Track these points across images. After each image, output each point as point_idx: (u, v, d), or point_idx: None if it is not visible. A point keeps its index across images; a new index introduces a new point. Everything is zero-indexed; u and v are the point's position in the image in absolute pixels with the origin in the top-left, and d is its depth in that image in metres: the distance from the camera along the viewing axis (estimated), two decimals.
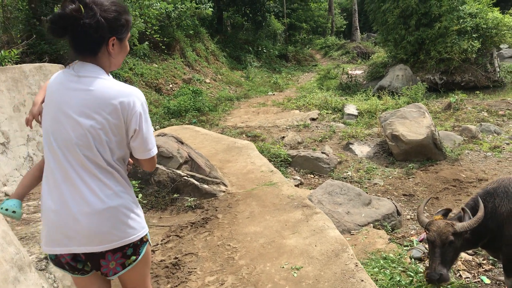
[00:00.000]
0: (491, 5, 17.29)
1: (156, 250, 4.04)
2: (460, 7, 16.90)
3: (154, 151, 2.16)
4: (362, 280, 3.21)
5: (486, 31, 16.48)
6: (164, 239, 4.25)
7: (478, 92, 14.77)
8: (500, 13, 17.05)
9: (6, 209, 2.30)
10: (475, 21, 16.49)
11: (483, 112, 12.01)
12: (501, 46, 19.08)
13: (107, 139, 2.02)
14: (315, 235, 3.92)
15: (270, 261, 3.59)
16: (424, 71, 17.10)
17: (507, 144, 9.09)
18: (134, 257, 2.13)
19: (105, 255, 2.07)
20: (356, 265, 3.34)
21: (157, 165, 5.22)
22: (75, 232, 1.99)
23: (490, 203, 3.57)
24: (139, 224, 2.14)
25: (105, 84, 2.03)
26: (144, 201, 5.01)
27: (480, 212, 3.38)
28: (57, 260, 2.13)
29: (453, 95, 13.11)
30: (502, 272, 4.14)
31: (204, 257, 3.80)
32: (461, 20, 16.59)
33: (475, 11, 16.85)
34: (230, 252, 3.81)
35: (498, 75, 16.72)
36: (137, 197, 4.96)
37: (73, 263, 2.11)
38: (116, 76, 13.77)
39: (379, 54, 24.53)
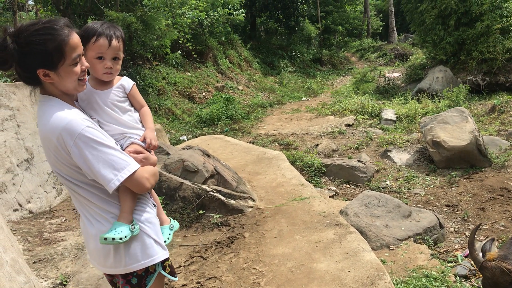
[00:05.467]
0: None
1: (178, 273, 3.80)
2: (503, 5, 16.03)
3: (113, 185, 1.83)
4: None
5: None
6: (187, 261, 4.01)
7: None
8: None
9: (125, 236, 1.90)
10: None
11: None
12: None
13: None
14: (349, 259, 3.57)
15: None
16: (465, 72, 16.29)
17: None
18: None
19: (115, 275, 2.06)
20: None
21: (182, 180, 5.00)
22: (89, 252, 2.04)
23: None
24: (143, 252, 1.97)
25: (45, 116, 1.83)
26: None
27: None
28: None
29: (497, 96, 12.37)
30: None
31: (228, 282, 3.52)
32: (504, 19, 15.73)
33: None
34: (255, 276, 3.52)
35: None
36: None
37: None
38: (149, 85, 13.81)
39: (417, 55, 23.69)
